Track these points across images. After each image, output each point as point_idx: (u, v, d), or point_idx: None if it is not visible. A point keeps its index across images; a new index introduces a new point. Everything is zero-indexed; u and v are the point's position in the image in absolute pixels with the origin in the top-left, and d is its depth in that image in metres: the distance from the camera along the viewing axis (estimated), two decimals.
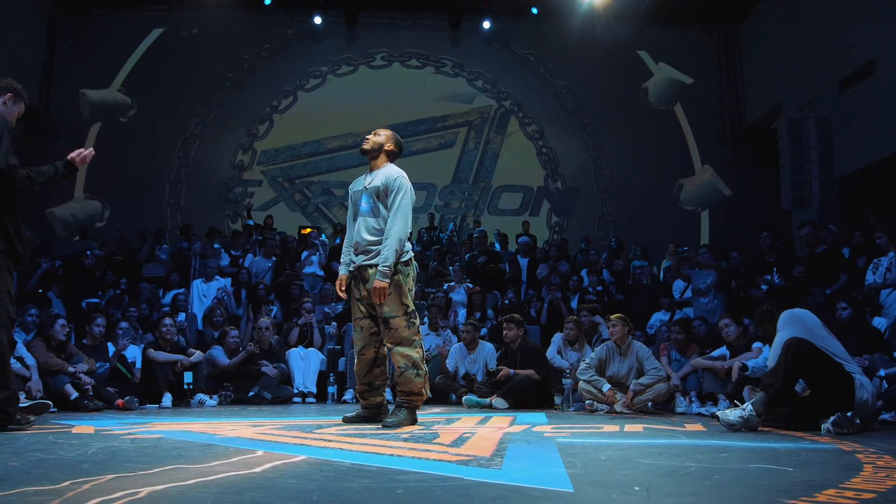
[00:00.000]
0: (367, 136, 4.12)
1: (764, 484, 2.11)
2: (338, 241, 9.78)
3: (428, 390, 4.05)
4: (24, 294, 7.06)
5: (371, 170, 4.07)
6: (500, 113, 14.49)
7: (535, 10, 13.68)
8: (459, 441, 3.24)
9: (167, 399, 5.98)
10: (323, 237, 10.87)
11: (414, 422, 3.94)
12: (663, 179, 13.88)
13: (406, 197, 3.88)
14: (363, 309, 3.99)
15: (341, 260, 4.20)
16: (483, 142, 14.44)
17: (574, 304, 8.61)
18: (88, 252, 8.78)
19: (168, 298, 8.40)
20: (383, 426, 3.80)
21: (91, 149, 3.82)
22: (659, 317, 8.13)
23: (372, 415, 4.10)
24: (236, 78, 13.90)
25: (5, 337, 3.56)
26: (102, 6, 13.39)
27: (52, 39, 13.18)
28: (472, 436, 3.49)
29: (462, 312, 8.28)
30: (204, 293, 8.32)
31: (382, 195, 3.89)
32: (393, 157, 4.13)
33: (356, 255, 3.96)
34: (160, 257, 9.99)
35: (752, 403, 3.86)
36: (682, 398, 5.75)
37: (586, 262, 9.79)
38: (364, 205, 3.96)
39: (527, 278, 9.34)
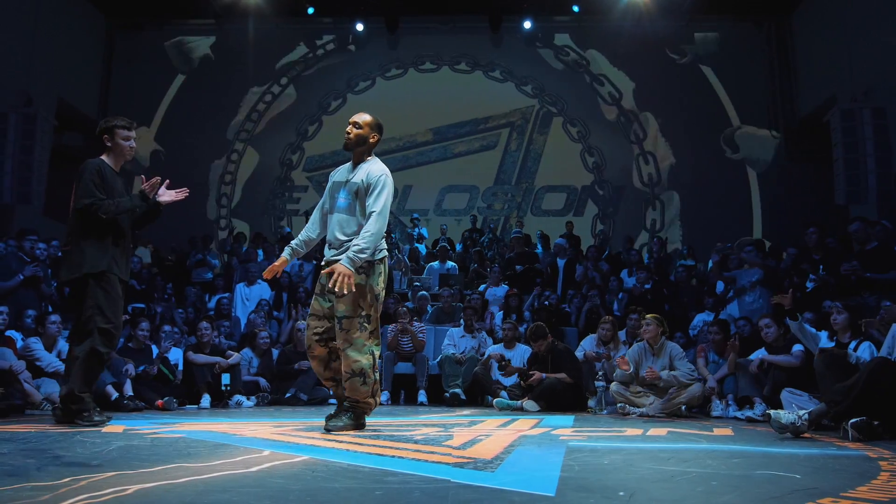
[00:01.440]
0: (349, 129, 3.78)
1: (757, 491, 2.02)
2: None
3: (378, 400, 3.79)
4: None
5: (354, 163, 3.79)
6: (543, 113, 14.35)
7: (576, 8, 13.50)
8: (469, 444, 3.22)
9: (206, 400, 6.17)
10: None
11: (359, 427, 3.70)
12: (712, 178, 13.44)
13: (389, 196, 3.65)
14: (319, 305, 3.72)
15: (291, 243, 3.91)
16: (525, 142, 14.33)
17: (615, 305, 8.46)
18: (136, 259, 9.13)
19: (213, 303, 8.66)
20: (325, 429, 3.62)
21: (158, 178, 4.07)
22: (703, 317, 7.89)
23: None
24: (283, 85, 14.22)
25: (101, 347, 3.86)
26: (154, 22, 13.93)
27: (108, 56, 13.81)
28: (486, 438, 3.48)
29: (498, 315, 8.24)
30: (246, 297, 8.54)
31: (363, 193, 3.63)
32: (375, 146, 3.84)
33: (328, 250, 3.71)
34: (211, 262, 10.34)
35: (809, 413, 3.70)
36: (718, 401, 5.57)
37: (628, 262, 9.59)
38: (342, 200, 3.70)
39: (564, 279, 9.21)
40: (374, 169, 3.70)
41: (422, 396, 6.99)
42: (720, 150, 13.51)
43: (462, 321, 7.59)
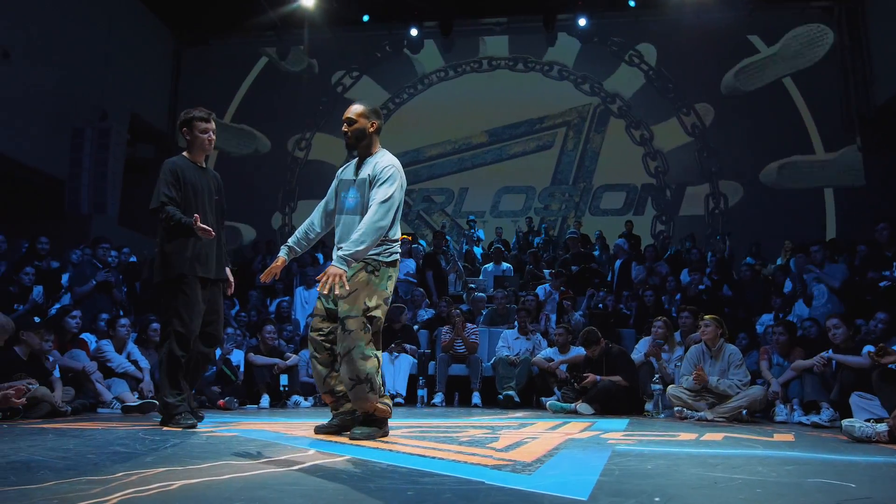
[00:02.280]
0: (343, 128, 3.47)
1: (803, 500, 1.94)
2: (423, 243, 9.91)
3: (390, 404, 3.46)
4: (141, 303, 7.76)
5: (361, 158, 3.49)
6: (600, 111, 14.14)
7: (632, 3, 13.26)
8: (514, 446, 3.21)
9: (265, 400, 6.35)
10: (422, 243, 11.12)
11: (385, 433, 3.42)
12: (781, 175, 12.90)
13: (397, 190, 3.29)
14: (322, 307, 3.45)
15: (288, 241, 3.62)
16: (582, 141, 14.15)
17: (674, 306, 8.24)
18: None
19: (274, 306, 8.91)
20: (350, 437, 3.33)
21: (211, 231, 3.79)
22: (769, 318, 7.58)
23: (345, 423, 3.52)
24: (340, 93, 14.51)
25: (176, 351, 3.88)
26: (218, 37, 14.48)
27: (176, 70, 14.47)
28: (532, 441, 3.45)
29: (553, 316, 8.15)
30: (305, 300, 8.76)
31: (372, 187, 3.34)
32: (379, 132, 3.52)
33: (337, 250, 3.24)
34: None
35: (888, 423, 3.52)
36: (782, 406, 5.34)
37: (688, 261, 9.32)
38: (351, 199, 3.40)
39: (619, 280, 9.04)
40: (383, 161, 3.39)
41: (476, 398, 6.98)
42: (790, 149, 12.95)
43: (516, 323, 7.55)
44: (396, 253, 3.42)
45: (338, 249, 3.20)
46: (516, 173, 14.20)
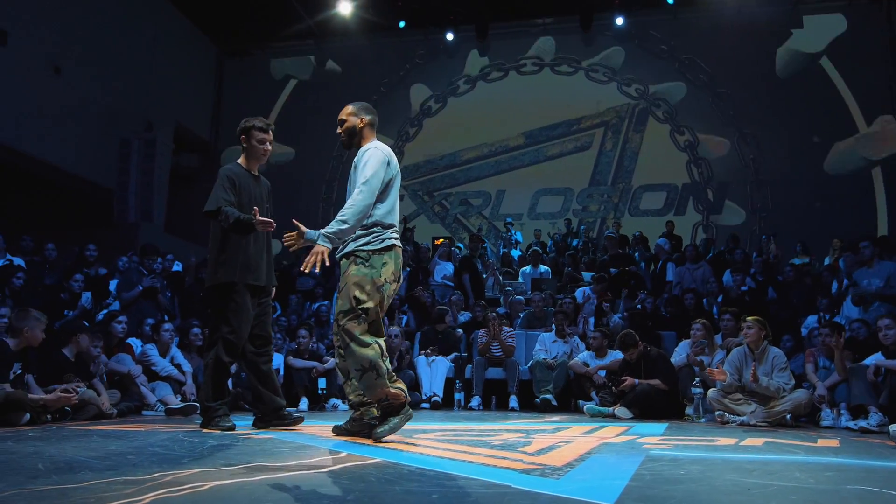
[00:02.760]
0: (338, 130, 3.62)
1: None
2: (461, 246, 9.92)
3: (404, 388, 3.38)
4: (185, 308, 7.96)
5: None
6: (639, 110, 13.96)
7: (670, 0, 13.05)
8: (546, 450, 3.19)
9: (304, 403, 6.45)
10: (460, 246, 11.13)
11: (407, 417, 3.38)
12: (827, 172, 12.49)
13: (378, 170, 3.31)
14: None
15: None
16: (621, 141, 13.99)
17: (715, 308, 8.06)
18: None
19: (313, 309, 9.04)
20: (375, 439, 3.29)
21: (272, 222, 3.87)
22: (815, 319, 7.35)
23: (354, 429, 3.54)
24: (377, 101, 14.64)
25: (224, 356, 3.95)
26: (258, 46, 14.80)
27: (218, 80, 14.84)
28: (565, 445, 3.42)
29: (591, 319, 8.06)
30: None
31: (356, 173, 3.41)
32: (373, 127, 3.60)
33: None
34: (313, 271, 10.81)
35: None
36: (828, 410, 5.17)
37: (731, 262, 9.10)
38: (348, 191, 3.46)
39: (657, 282, 8.88)
40: (364, 147, 3.48)
41: (513, 402, 6.95)
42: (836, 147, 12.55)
43: (553, 326, 7.49)
44: (391, 238, 3.38)
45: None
46: (554, 175, 14.11)
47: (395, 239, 3.42)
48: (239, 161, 4.22)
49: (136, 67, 12.00)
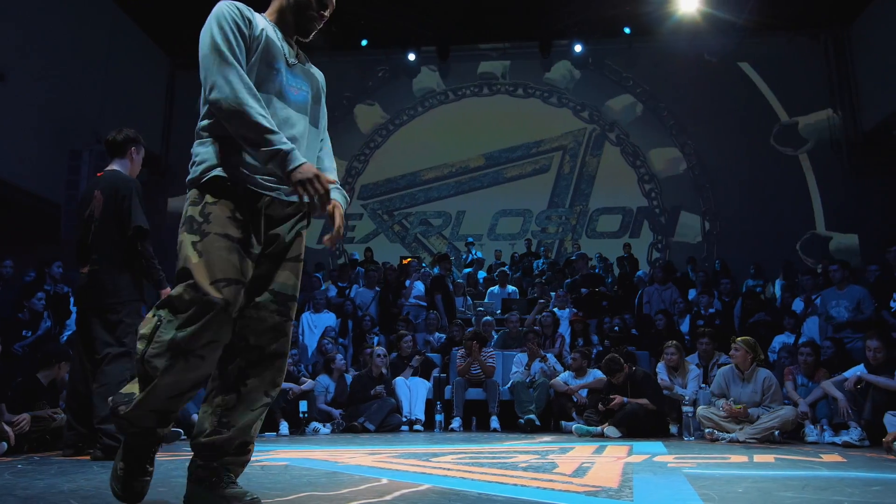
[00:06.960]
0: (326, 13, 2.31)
1: None
2: (436, 270, 9.88)
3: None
4: None
5: (295, 41, 2.41)
6: (595, 135, 14.32)
7: (627, 30, 13.53)
8: (581, 471, 3.16)
9: (284, 427, 6.21)
10: (425, 266, 11.06)
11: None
12: (772, 195, 13.14)
13: (210, 35, 2.02)
14: None
15: None
16: (578, 165, 14.29)
17: (685, 327, 8.28)
18: None
19: None
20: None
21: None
22: (782, 339, 7.63)
23: None
24: (338, 116, 14.45)
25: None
26: None
27: (170, 93, 14.36)
28: (592, 466, 3.40)
29: (567, 338, 8.13)
30: (314, 324, 8.63)
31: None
32: None
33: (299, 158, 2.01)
34: None
35: None
36: (811, 426, 5.35)
37: (694, 282, 9.39)
38: (299, 93, 2.34)
39: (621, 302, 9.10)
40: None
41: (494, 422, 6.90)
42: (781, 173, 13.25)
43: (527, 347, 7.51)
44: (217, 170, 2.17)
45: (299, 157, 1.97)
46: (513, 196, 14.26)
47: (220, 170, 2.17)
48: (119, 169, 4.11)
49: (88, 77, 11.48)
